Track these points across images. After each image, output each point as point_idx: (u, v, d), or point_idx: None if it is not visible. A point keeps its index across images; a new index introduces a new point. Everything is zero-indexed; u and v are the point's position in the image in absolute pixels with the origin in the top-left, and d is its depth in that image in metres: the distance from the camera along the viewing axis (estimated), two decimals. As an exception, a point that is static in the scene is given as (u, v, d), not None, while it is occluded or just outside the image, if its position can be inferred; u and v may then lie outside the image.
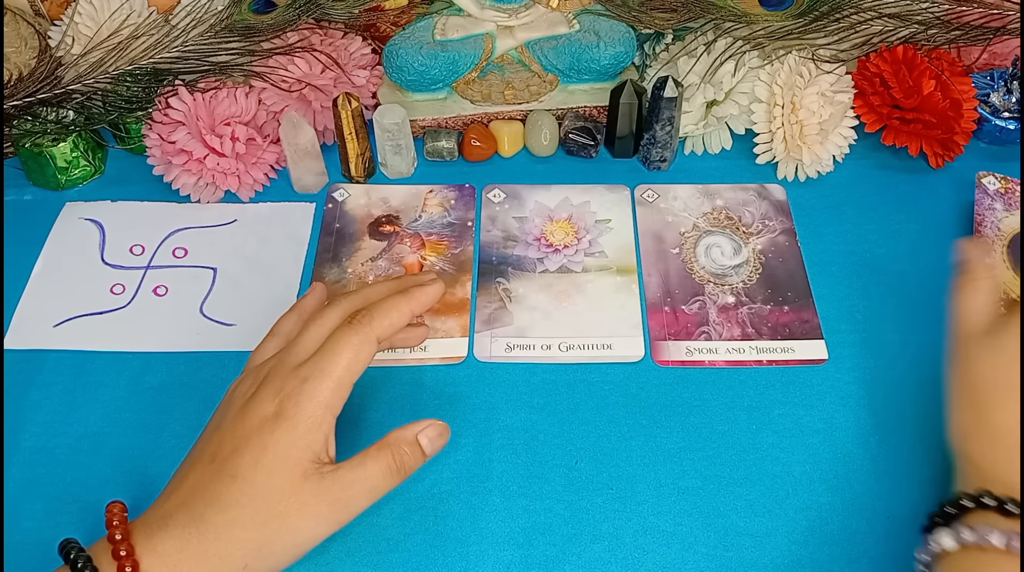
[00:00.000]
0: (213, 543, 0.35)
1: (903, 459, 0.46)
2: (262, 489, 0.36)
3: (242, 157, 0.57)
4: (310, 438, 0.37)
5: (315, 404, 0.37)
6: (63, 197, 0.59)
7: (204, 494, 0.36)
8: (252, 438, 0.37)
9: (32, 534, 0.43)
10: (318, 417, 0.37)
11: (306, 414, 0.37)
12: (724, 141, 0.62)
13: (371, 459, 0.38)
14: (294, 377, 0.38)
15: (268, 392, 0.38)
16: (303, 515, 0.36)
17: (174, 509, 0.36)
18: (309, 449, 0.37)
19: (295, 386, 0.38)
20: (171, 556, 0.34)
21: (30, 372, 0.49)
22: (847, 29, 0.60)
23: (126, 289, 0.54)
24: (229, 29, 0.59)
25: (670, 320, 0.52)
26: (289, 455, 0.36)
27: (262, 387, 0.39)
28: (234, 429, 0.38)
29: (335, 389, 0.38)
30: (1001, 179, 0.58)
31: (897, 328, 0.52)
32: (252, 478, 0.36)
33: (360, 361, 0.39)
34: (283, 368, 0.39)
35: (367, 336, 0.40)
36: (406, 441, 0.39)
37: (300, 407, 0.37)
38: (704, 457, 0.46)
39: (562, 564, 0.42)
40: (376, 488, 0.38)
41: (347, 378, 0.39)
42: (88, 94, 0.57)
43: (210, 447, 0.38)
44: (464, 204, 0.59)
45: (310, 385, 0.38)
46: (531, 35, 0.59)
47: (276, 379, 0.39)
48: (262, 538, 0.35)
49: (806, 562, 0.42)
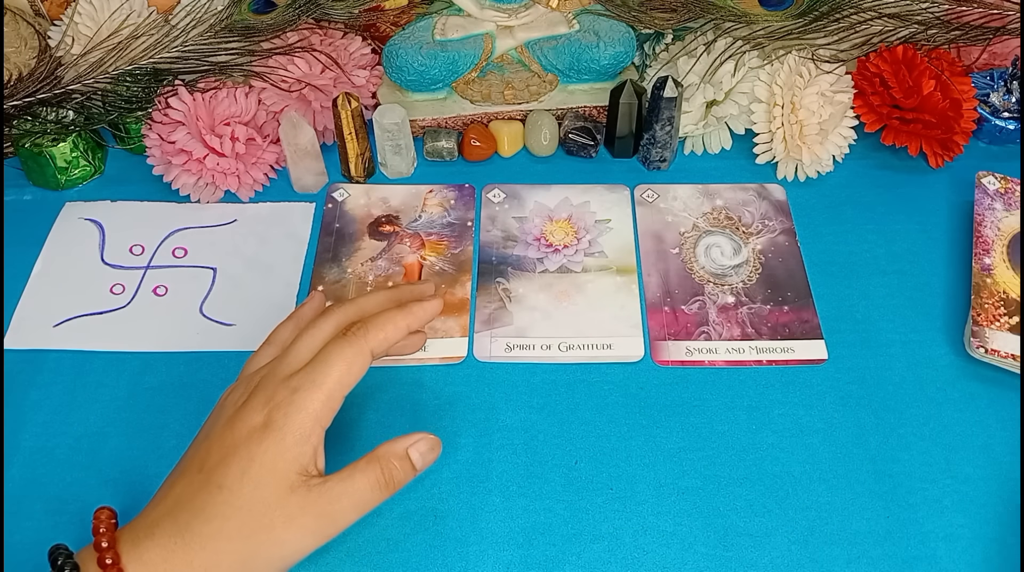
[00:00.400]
0: (198, 554, 0.34)
1: (903, 459, 0.46)
2: (248, 501, 0.35)
3: (242, 157, 0.57)
4: (298, 450, 0.37)
5: (304, 416, 0.37)
6: (63, 197, 0.59)
7: (191, 504, 0.36)
8: (240, 448, 0.36)
9: (32, 534, 0.43)
10: (307, 429, 0.37)
11: (294, 426, 0.37)
12: (724, 141, 0.62)
13: (360, 472, 0.38)
14: (285, 387, 0.38)
15: (258, 402, 0.38)
16: (289, 528, 0.36)
17: (161, 518, 0.35)
18: (296, 461, 0.36)
19: (285, 397, 0.37)
20: (156, 566, 0.34)
21: (30, 372, 0.49)
22: (847, 29, 0.60)
23: (126, 289, 0.54)
24: (229, 29, 0.59)
25: (670, 320, 0.52)
26: (276, 467, 0.36)
27: (252, 396, 0.38)
28: (222, 438, 0.37)
29: (325, 401, 0.38)
30: (1001, 179, 0.58)
31: (897, 328, 0.52)
32: (238, 490, 0.35)
33: (352, 374, 0.39)
34: (274, 378, 0.39)
35: (361, 349, 0.39)
36: (396, 455, 0.39)
37: (289, 418, 0.37)
38: (704, 457, 0.46)
39: (562, 564, 0.42)
40: (364, 502, 0.38)
41: (338, 391, 0.38)
42: (88, 94, 0.57)
43: (199, 455, 0.37)
44: (464, 204, 0.59)
45: (300, 396, 0.37)
46: (531, 35, 0.59)
47: (267, 388, 0.38)
48: (247, 550, 0.35)
49: (806, 562, 0.42)
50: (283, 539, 0.36)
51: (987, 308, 0.50)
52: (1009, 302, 0.51)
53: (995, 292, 0.51)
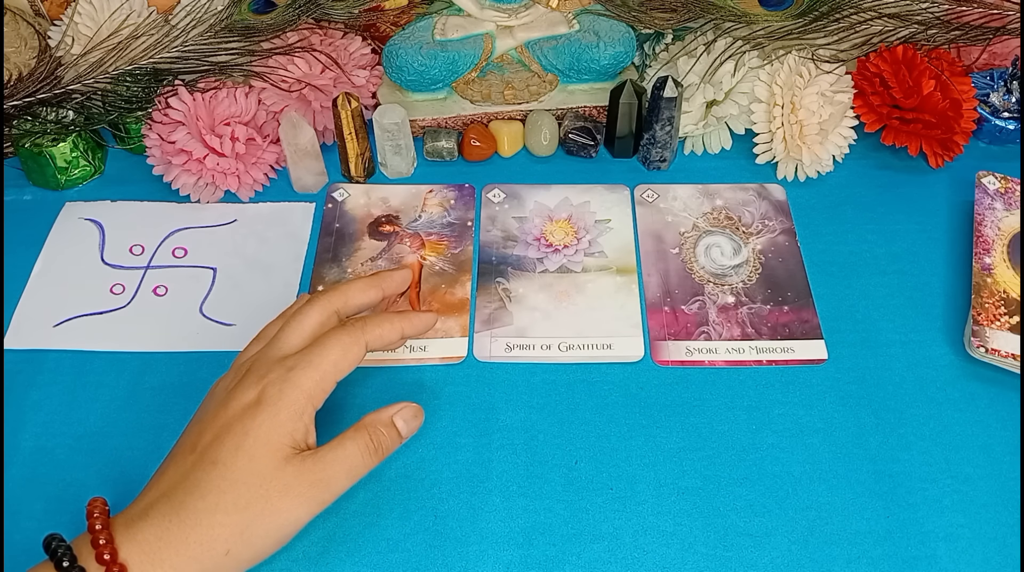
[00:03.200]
0: (194, 529, 0.35)
1: (903, 459, 0.46)
2: (243, 473, 0.36)
3: (242, 157, 0.57)
4: (291, 426, 0.38)
5: (298, 392, 0.38)
6: (63, 197, 0.59)
7: (185, 482, 0.36)
8: (234, 425, 0.37)
9: (32, 534, 0.43)
10: (300, 405, 0.38)
11: (288, 400, 0.38)
12: (724, 141, 0.62)
13: (349, 440, 0.39)
14: (280, 366, 0.39)
15: (251, 380, 0.39)
16: (284, 497, 0.36)
17: (156, 500, 0.36)
18: (290, 436, 0.37)
19: (280, 374, 0.39)
20: (151, 544, 0.34)
21: (30, 372, 0.49)
22: (847, 29, 0.60)
23: (126, 289, 0.54)
24: (229, 29, 0.59)
25: (670, 320, 0.52)
26: (270, 440, 0.37)
27: (245, 377, 0.39)
28: (215, 418, 0.38)
29: (319, 381, 0.39)
30: (1001, 179, 0.58)
31: (897, 328, 0.52)
32: (233, 463, 0.36)
33: (347, 360, 0.40)
34: (266, 360, 0.40)
35: (357, 339, 0.41)
36: (382, 422, 0.41)
37: (283, 394, 0.38)
38: (704, 457, 0.46)
39: (562, 564, 0.42)
40: (355, 467, 0.39)
41: (331, 373, 0.40)
42: (88, 94, 0.57)
43: (190, 439, 0.38)
44: (464, 204, 0.59)
45: (295, 374, 0.39)
46: (531, 35, 0.59)
47: (259, 369, 0.39)
48: (244, 521, 0.35)
49: (806, 562, 0.42)
50: (279, 508, 0.36)
51: (987, 308, 0.50)
52: (1009, 302, 0.51)
53: (995, 292, 0.51)
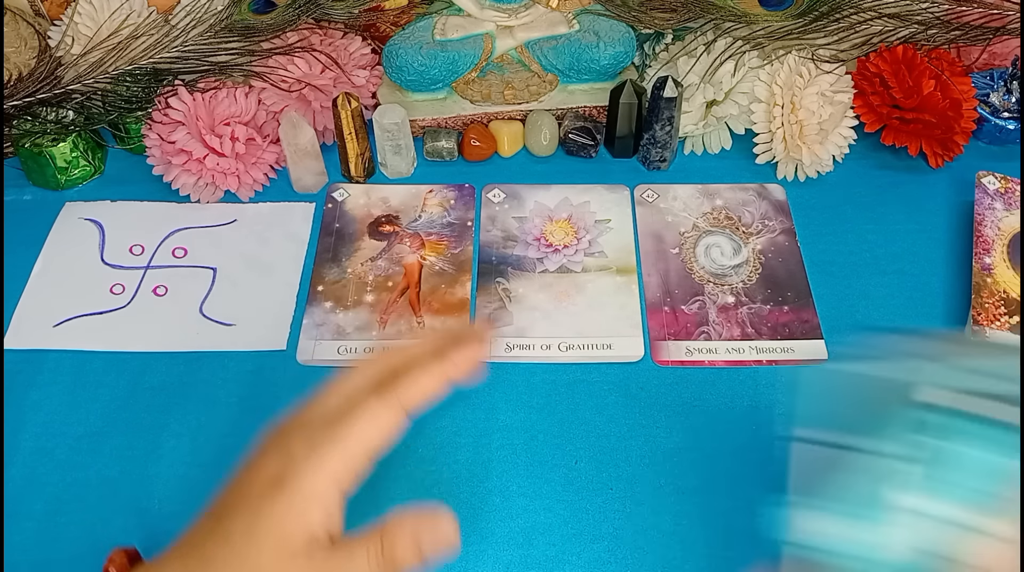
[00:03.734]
0: None
1: (903, 459, 0.46)
2: (248, 563, 0.34)
3: (242, 157, 0.57)
4: (308, 516, 0.34)
5: (320, 476, 0.34)
6: (63, 197, 0.59)
7: (200, 551, 0.35)
8: (251, 501, 0.35)
9: (32, 534, 0.43)
10: (319, 490, 0.34)
11: (306, 485, 0.34)
12: (724, 141, 0.62)
13: (360, 547, 0.35)
14: (304, 441, 0.35)
15: (274, 449, 0.36)
16: None
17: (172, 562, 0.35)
18: (304, 527, 0.34)
19: (302, 452, 0.35)
20: None
21: (30, 372, 0.49)
22: (847, 29, 0.60)
23: (126, 289, 0.54)
24: (229, 29, 0.59)
25: (670, 320, 0.52)
26: (282, 530, 0.34)
27: (271, 441, 0.36)
28: (238, 484, 0.36)
29: (345, 461, 0.34)
30: (1001, 179, 0.58)
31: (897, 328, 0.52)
32: (242, 549, 0.34)
33: (379, 432, 0.35)
34: (296, 426, 0.36)
35: (389, 404, 0.36)
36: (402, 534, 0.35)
37: (301, 477, 0.34)
38: (704, 457, 0.46)
39: (562, 564, 0.42)
40: None
41: (360, 450, 0.35)
42: (88, 94, 0.57)
43: (220, 497, 0.36)
44: (464, 204, 0.59)
45: (317, 454, 0.34)
46: (531, 35, 0.59)
47: (287, 436, 0.36)
48: None
49: (806, 562, 0.42)
50: None
51: (987, 308, 0.50)
52: (1009, 302, 0.51)
53: (995, 292, 0.51)
